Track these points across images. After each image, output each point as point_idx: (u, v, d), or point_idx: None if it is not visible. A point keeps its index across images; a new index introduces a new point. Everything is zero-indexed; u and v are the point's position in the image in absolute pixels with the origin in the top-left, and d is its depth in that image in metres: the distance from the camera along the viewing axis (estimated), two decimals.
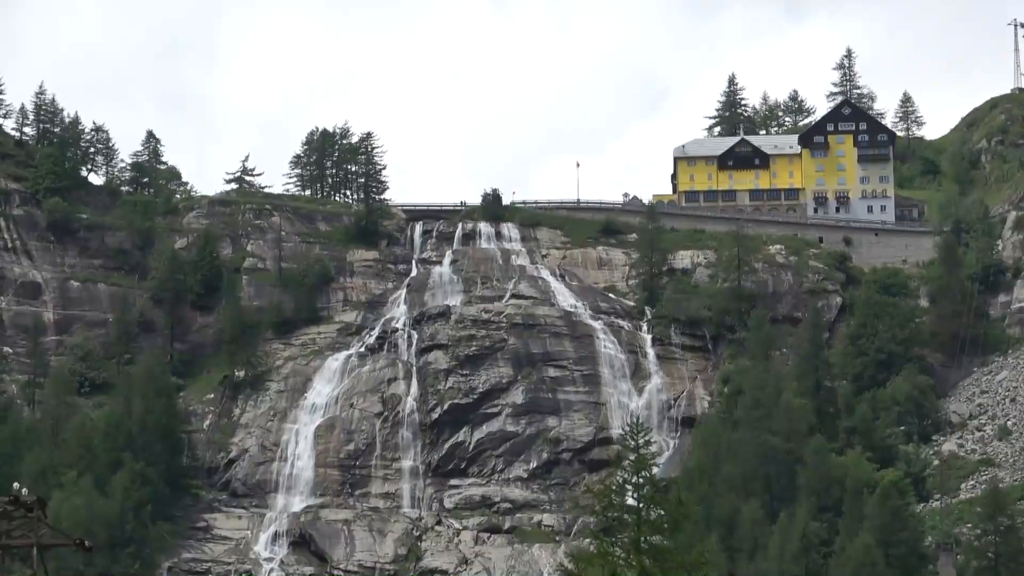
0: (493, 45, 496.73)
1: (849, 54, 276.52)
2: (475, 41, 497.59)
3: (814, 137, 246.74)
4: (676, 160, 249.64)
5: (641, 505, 70.61)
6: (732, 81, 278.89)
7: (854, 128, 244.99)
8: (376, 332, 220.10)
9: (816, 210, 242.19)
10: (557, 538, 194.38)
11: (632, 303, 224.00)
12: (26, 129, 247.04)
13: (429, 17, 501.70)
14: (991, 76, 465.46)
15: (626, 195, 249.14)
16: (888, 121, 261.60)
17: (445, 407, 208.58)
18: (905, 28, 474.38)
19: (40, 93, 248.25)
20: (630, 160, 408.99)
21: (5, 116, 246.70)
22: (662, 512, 70.64)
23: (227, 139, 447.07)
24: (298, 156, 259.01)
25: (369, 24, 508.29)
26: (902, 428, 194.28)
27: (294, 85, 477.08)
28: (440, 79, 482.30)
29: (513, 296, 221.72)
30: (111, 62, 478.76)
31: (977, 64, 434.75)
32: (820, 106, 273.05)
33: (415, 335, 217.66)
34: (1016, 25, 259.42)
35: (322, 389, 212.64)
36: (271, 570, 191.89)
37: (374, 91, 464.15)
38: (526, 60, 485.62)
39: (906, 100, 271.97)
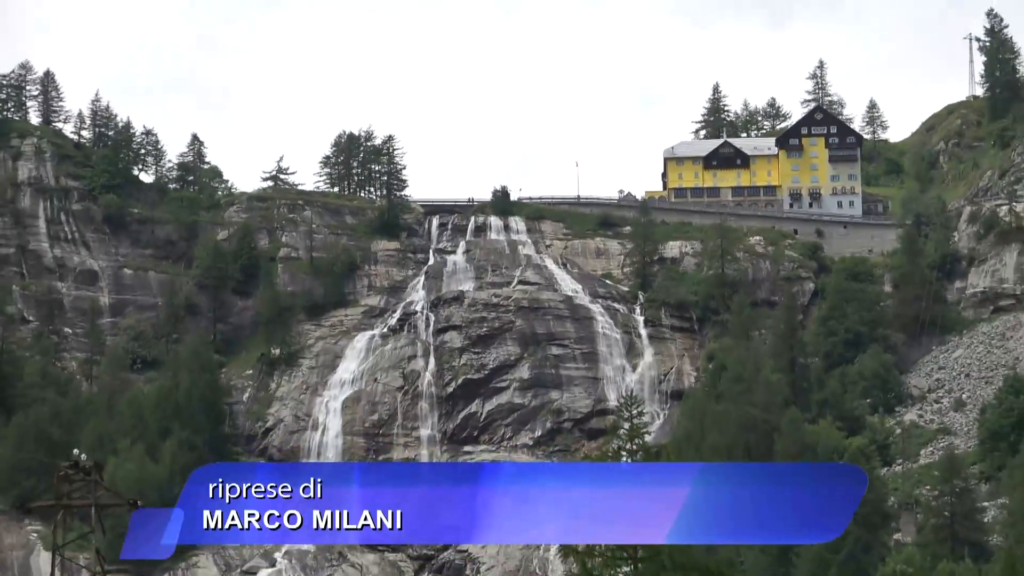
0: (502, 57, 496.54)
1: (821, 65, 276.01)
2: (487, 53, 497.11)
3: (790, 139, 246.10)
4: (666, 160, 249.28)
5: None
6: (716, 89, 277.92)
7: (826, 131, 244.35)
8: (397, 314, 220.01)
9: (791, 205, 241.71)
10: None
11: (627, 288, 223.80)
12: (83, 133, 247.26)
13: (445, 31, 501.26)
14: (948, 85, 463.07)
15: (621, 192, 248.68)
16: (856, 125, 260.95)
17: (459, 382, 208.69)
18: (871, 42, 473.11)
19: (96, 100, 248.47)
20: (624, 160, 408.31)
21: (65, 121, 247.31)
22: None
23: (263, 141, 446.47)
24: (327, 157, 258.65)
25: (390, 35, 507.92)
26: (868, 400, 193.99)
27: (323, 91, 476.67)
28: (455, 87, 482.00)
29: (520, 282, 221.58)
30: (158, 72, 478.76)
31: (936, 74, 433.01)
32: (795, 111, 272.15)
33: (432, 317, 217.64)
34: (971, 39, 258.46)
35: (349, 365, 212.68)
36: None
37: (395, 97, 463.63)
38: (532, 70, 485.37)
39: (872, 106, 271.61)
